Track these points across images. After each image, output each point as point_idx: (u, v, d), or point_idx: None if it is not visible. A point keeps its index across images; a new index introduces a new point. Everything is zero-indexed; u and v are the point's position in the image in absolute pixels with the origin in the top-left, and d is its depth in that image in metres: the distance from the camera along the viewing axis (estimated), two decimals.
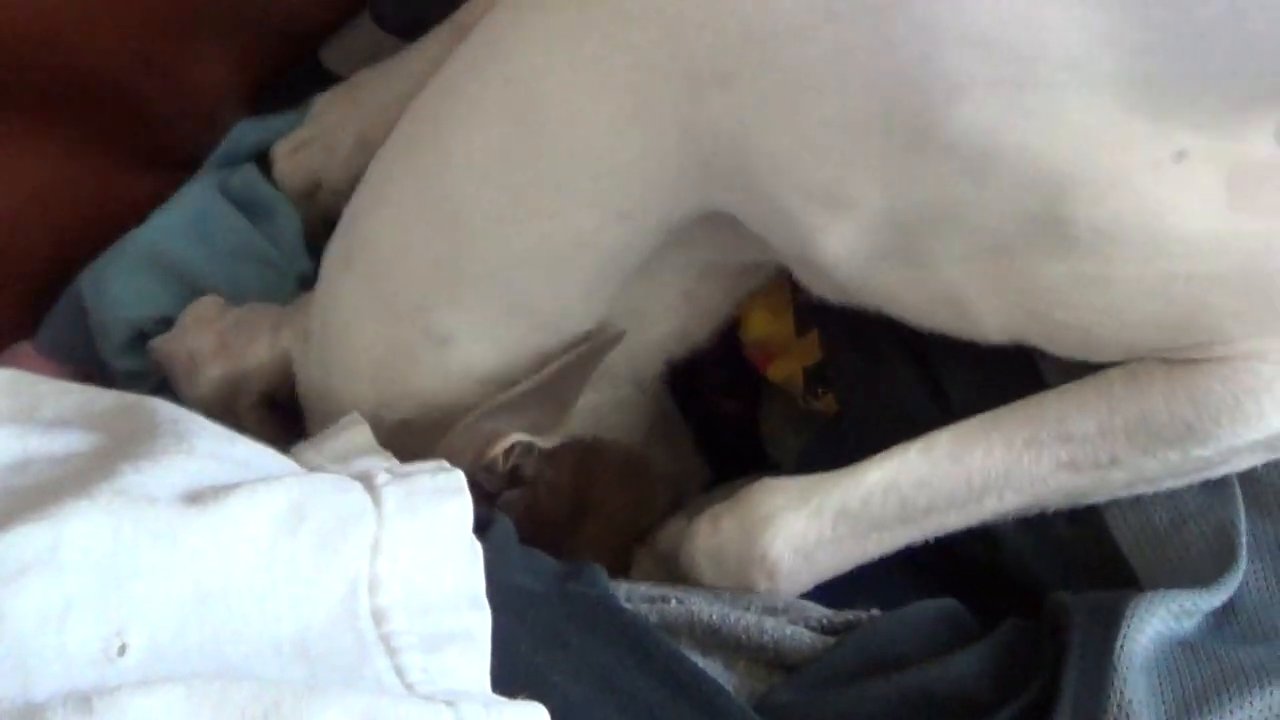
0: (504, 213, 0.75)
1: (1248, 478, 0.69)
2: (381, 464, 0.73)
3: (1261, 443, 0.66)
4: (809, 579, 0.73)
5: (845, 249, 0.68)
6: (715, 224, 0.73)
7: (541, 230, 0.74)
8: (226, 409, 0.87)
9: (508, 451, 0.77)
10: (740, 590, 0.74)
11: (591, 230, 0.74)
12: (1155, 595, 0.64)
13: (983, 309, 0.69)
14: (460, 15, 0.93)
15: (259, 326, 0.89)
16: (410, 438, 0.78)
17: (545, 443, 0.79)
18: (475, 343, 0.79)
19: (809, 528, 0.72)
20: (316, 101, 1.00)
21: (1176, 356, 0.66)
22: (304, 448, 0.76)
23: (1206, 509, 0.68)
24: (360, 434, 0.77)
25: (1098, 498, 0.69)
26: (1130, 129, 0.62)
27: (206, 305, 0.92)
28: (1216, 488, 0.68)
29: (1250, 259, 0.63)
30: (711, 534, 0.75)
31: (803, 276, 0.75)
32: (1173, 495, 0.68)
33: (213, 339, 0.88)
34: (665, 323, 0.82)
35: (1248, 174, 0.63)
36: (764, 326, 0.84)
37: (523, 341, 0.79)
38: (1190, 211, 0.62)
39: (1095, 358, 0.68)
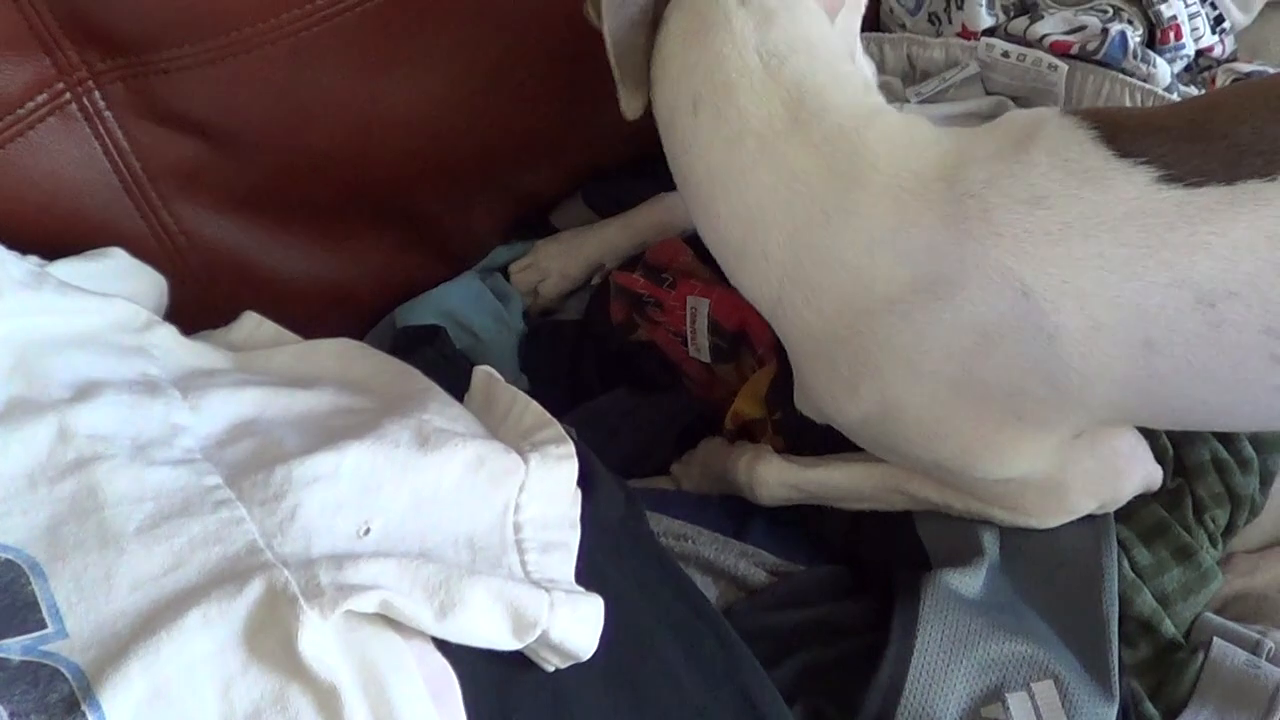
0: None
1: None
2: (547, 432, 0.82)
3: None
4: (776, 504, 1.06)
5: None
6: None
7: None
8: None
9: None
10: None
11: None
12: (939, 572, 0.95)
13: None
14: (629, 215, 1.31)
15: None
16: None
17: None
18: None
19: (777, 491, 1.05)
20: (539, 242, 1.34)
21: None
22: (494, 426, 0.85)
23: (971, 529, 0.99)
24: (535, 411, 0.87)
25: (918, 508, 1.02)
26: (998, 423, 0.91)
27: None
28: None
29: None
30: (740, 471, 1.07)
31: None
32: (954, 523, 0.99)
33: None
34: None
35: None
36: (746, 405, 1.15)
37: None
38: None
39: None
